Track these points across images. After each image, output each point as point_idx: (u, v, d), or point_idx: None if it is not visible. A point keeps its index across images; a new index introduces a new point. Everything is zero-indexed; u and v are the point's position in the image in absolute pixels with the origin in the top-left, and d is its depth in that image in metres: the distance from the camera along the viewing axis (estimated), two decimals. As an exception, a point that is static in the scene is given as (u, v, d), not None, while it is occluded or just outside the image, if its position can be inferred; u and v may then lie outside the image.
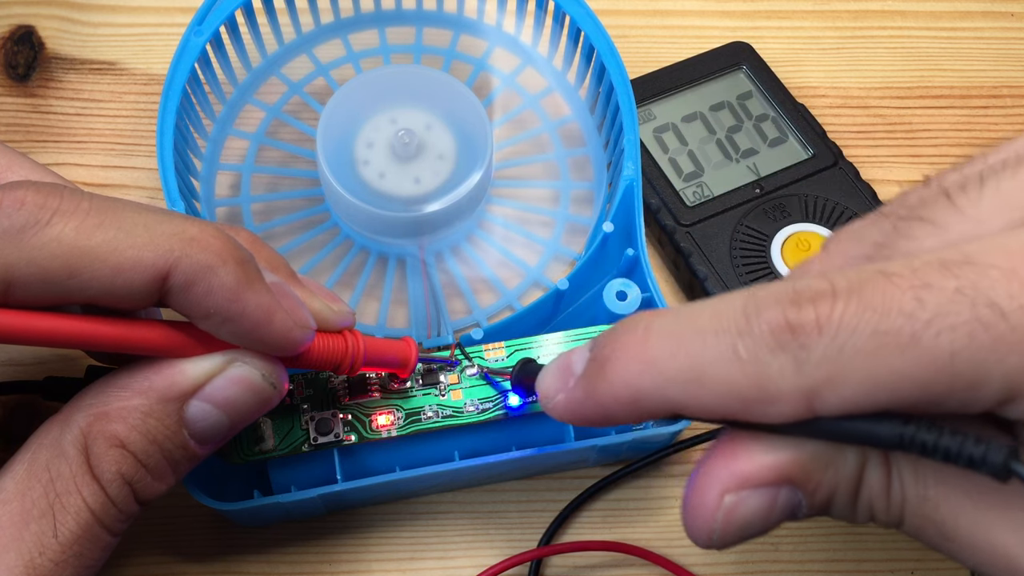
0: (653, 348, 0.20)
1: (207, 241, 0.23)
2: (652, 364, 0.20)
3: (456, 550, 0.33)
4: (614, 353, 0.21)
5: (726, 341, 0.19)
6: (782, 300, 0.19)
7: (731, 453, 0.20)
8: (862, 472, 0.20)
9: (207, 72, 0.36)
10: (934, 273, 0.18)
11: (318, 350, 0.26)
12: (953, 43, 0.44)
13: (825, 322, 0.18)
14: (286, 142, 0.39)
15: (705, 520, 0.20)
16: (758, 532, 0.20)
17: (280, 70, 0.40)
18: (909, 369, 0.18)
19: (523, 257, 0.37)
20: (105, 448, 0.23)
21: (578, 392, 0.21)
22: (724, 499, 0.20)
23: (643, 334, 0.20)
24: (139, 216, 0.22)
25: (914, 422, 0.19)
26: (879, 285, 0.18)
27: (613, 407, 0.21)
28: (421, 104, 0.36)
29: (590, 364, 0.21)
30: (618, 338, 0.21)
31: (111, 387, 0.24)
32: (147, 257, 0.22)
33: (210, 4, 0.36)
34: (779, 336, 0.18)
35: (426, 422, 0.30)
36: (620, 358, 0.20)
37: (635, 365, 0.20)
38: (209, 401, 0.24)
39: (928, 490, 0.20)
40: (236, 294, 0.23)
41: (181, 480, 0.26)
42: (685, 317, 0.20)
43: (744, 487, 0.20)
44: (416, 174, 0.35)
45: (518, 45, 0.40)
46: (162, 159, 0.33)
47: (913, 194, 0.21)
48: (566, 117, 0.39)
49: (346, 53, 0.40)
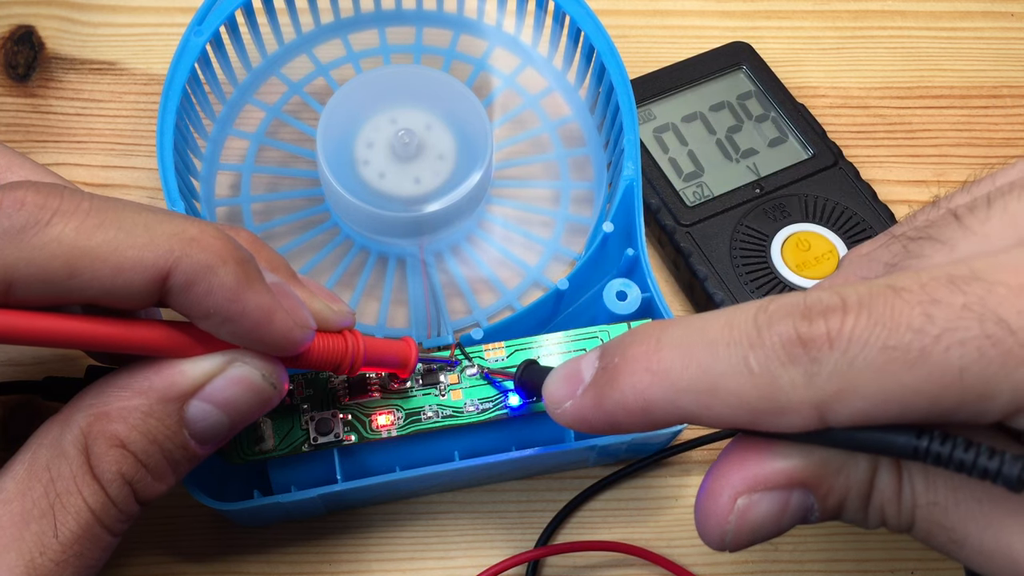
0: (664, 359, 0.20)
1: (207, 241, 0.22)
2: (663, 375, 0.20)
3: (456, 550, 0.33)
4: (625, 364, 0.21)
5: (738, 353, 0.19)
6: (793, 313, 0.19)
7: (744, 457, 0.21)
8: (873, 477, 0.20)
9: (207, 72, 0.36)
10: (942, 288, 0.18)
11: (318, 350, 0.26)
12: (953, 43, 0.44)
13: (836, 336, 0.18)
14: (286, 142, 0.39)
15: (718, 522, 0.21)
16: (770, 535, 0.21)
17: (280, 70, 0.40)
18: (919, 384, 0.18)
19: (523, 257, 0.37)
20: (105, 448, 0.23)
21: (587, 401, 0.22)
22: (737, 502, 0.20)
23: (654, 345, 0.20)
24: (139, 216, 0.22)
25: (927, 434, 0.19)
26: (888, 300, 0.18)
27: (622, 417, 0.21)
28: (421, 104, 0.36)
29: (600, 373, 0.21)
30: (628, 348, 0.21)
31: (111, 387, 0.24)
32: (147, 257, 0.22)
33: (210, 4, 0.36)
34: (790, 349, 0.19)
35: (426, 422, 0.30)
36: (631, 369, 0.21)
37: (646, 376, 0.20)
38: (209, 401, 0.24)
39: (939, 496, 0.20)
40: (236, 294, 0.23)
41: (181, 480, 0.26)
42: (697, 328, 0.20)
43: (757, 490, 0.20)
44: (416, 174, 0.35)
45: (518, 45, 0.40)
46: (162, 159, 0.33)
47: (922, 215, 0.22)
48: (566, 117, 0.39)
49: (346, 53, 0.40)
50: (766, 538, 0.21)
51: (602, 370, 0.21)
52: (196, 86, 0.36)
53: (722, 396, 0.19)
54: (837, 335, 0.18)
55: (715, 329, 0.20)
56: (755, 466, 0.20)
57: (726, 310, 0.20)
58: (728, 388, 0.19)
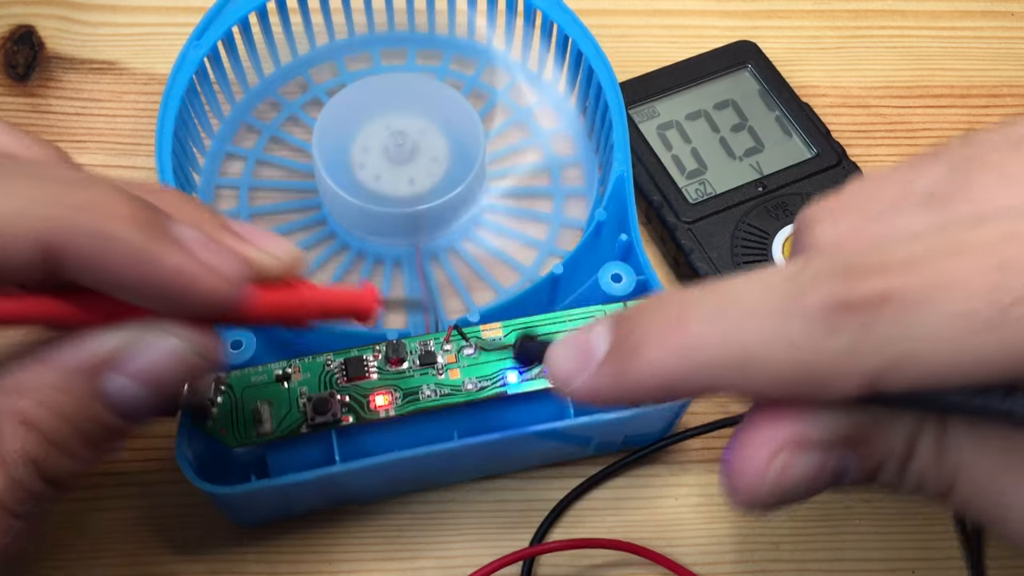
0: (691, 333, 0.18)
1: (100, 207, 0.20)
2: (692, 350, 0.18)
3: (456, 549, 0.33)
4: (647, 338, 0.19)
5: (775, 323, 0.18)
6: (836, 274, 0.17)
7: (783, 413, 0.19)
8: (917, 437, 0.19)
9: (204, 85, 0.37)
10: (1012, 248, 0.16)
11: (257, 304, 0.23)
12: (953, 43, 0.44)
13: (887, 299, 0.17)
14: (282, 157, 0.39)
15: (752, 479, 0.19)
16: (804, 495, 0.19)
17: (277, 91, 0.40)
18: (987, 354, 0.16)
19: (518, 257, 0.37)
20: (10, 426, 0.22)
21: (604, 378, 0.20)
22: (774, 461, 0.19)
23: (678, 317, 0.19)
24: (19, 184, 0.20)
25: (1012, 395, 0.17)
26: (949, 261, 0.17)
27: (643, 393, 0.19)
28: (415, 110, 0.37)
29: (618, 348, 0.20)
30: (649, 320, 0.19)
31: (29, 361, 0.22)
32: (21, 229, 0.20)
33: (210, 19, 0.36)
34: (835, 316, 0.17)
35: (424, 401, 0.30)
36: (653, 344, 0.19)
37: (672, 351, 0.19)
38: (126, 374, 0.22)
39: (988, 458, 0.19)
40: (143, 259, 0.21)
41: (108, 453, 0.24)
42: (725, 296, 0.18)
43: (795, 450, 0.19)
44: (411, 175, 0.36)
45: (508, 61, 0.41)
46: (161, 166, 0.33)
47: (973, 138, 0.19)
48: (557, 127, 0.40)
49: (340, 75, 0.41)
50: (799, 499, 0.19)
51: (618, 344, 0.19)
52: (194, 98, 0.36)
53: (758, 370, 0.18)
54: (888, 298, 0.17)
55: (748, 297, 0.18)
56: (794, 424, 0.19)
57: (757, 273, 0.18)
58: (764, 361, 0.18)
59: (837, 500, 0.33)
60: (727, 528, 0.33)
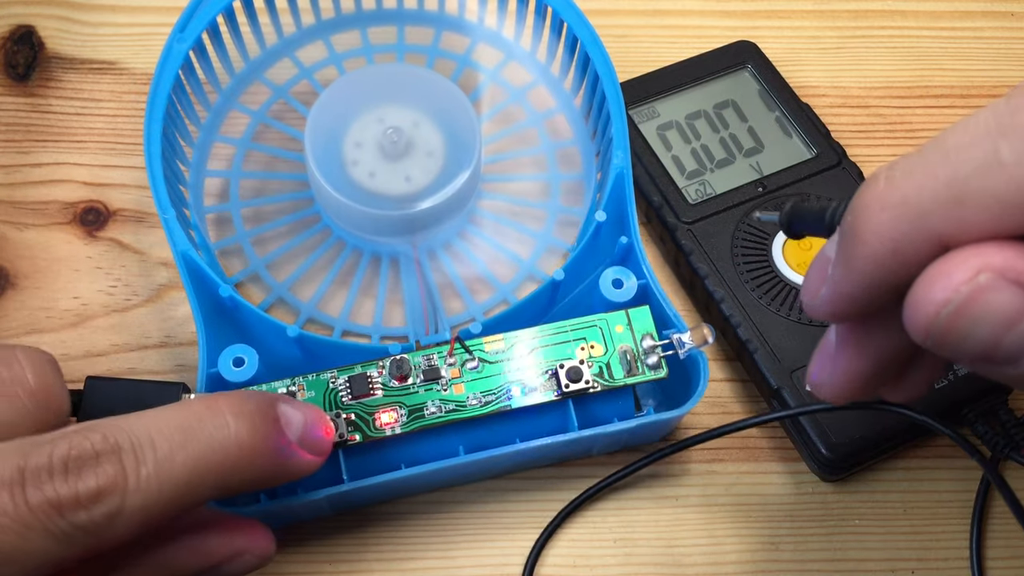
0: (900, 188, 0.18)
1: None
2: (904, 204, 0.18)
3: (457, 549, 0.33)
4: (860, 212, 0.19)
5: (983, 148, 0.17)
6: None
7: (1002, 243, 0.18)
8: None
9: (191, 78, 0.36)
10: None
11: None
12: (953, 43, 0.44)
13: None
14: (273, 145, 0.39)
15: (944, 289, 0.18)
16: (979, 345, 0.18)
17: (263, 74, 0.40)
18: None
19: (516, 251, 0.37)
20: None
21: (838, 273, 0.20)
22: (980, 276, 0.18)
23: (885, 181, 0.19)
24: None
25: None
26: None
27: (875, 272, 0.19)
28: (408, 102, 0.36)
29: (841, 238, 0.20)
30: (858, 199, 0.19)
31: None
32: None
33: (192, 10, 0.36)
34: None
35: (429, 418, 0.30)
36: (868, 213, 0.19)
37: (886, 212, 0.19)
38: None
39: None
40: None
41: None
42: (928, 147, 0.19)
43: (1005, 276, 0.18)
44: (406, 172, 0.35)
45: (501, 39, 0.40)
46: (151, 167, 0.33)
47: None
48: (551, 109, 0.40)
49: (329, 55, 0.40)
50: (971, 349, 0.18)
51: (842, 234, 0.20)
52: (181, 93, 0.36)
53: (975, 199, 0.17)
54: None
55: (951, 138, 0.18)
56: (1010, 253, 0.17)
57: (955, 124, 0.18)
58: (979, 190, 0.17)
59: (837, 500, 0.34)
60: (727, 528, 0.33)
